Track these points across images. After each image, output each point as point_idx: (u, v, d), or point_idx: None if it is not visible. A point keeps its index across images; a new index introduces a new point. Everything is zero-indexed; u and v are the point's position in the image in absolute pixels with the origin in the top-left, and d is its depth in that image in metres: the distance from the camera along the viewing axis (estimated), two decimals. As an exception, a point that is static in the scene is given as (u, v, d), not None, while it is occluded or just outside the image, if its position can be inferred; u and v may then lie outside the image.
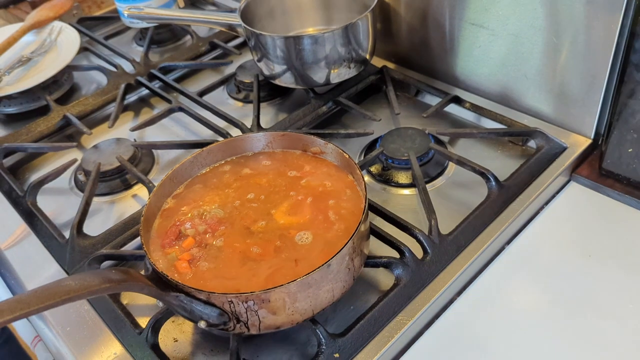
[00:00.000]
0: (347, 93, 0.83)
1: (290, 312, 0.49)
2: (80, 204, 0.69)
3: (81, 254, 0.64)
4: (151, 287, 0.47)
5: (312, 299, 0.50)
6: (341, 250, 0.49)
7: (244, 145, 0.64)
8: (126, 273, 0.47)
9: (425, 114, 0.77)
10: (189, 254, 0.53)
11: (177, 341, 0.58)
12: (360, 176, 0.56)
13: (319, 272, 0.48)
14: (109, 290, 0.44)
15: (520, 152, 0.74)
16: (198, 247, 0.54)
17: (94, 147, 0.81)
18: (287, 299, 0.48)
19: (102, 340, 0.57)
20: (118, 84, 0.93)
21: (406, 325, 0.54)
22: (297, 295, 0.48)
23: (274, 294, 0.47)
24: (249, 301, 0.47)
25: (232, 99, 0.92)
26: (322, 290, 0.50)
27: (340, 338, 0.52)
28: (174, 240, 0.55)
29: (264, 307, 0.48)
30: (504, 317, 0.56)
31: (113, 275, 0.45)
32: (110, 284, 0.43)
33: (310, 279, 0.48)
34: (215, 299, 0.48)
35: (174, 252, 0.53)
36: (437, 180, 0.71)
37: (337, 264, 0.49)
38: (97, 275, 0.44)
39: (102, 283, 0.43)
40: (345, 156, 0.59)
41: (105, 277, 0.45)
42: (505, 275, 0.60)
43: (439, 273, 0.58)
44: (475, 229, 0.61)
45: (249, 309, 0.48)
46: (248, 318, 0.49)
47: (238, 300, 0.47)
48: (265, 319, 0.49)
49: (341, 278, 0.51)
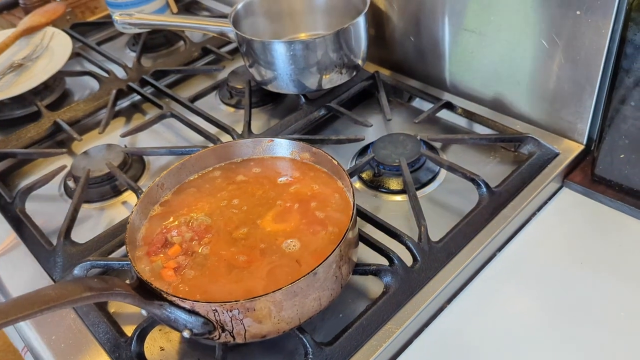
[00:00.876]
0: (339, 99, 0.83)
1: (277, 320, 0.48)
2: (68, 211, 0.68)
3: (68, 262, 0.64)
4: (134, 296, 0.46)
5: (299, 308, 0.49)
6: (328, 258, 0.48)
7: (233, 151, 0.64)
8: (109, 281, 0.46)
9: (417, 119, 0.76)
10: (175, 261, 0.53)
11: (163, 350, 0.57)
12: (348, 183, 0.56)
13: (305, 280, 0.47)
14: (90, 299, 0.43)
15: (512, 158, 0.74)
16: (184, 254, 0.54)
17: (84, 153, 0.80)
18: (273, 307, 0.47)
19: (87, 350, 0.56)
20: (110, 89, 0.92)
21: (395, 333, 0.53)
22: (283, 303, 0.48)
23: (259, 303, 0.46)
24: (233, 310, 0.46)
25: (224, 104, 0.92)
26: (309, 299, 0.49)
27: (328, 347, 0.51)
28: (160, 247, 0.54)
29: (249, 315, 0.47)
30: (494, 325, 0.56)
31: (95, 283, 0.45)
32: (92, 292, 0.43)
33: (296, 288, 0.47)
34: (200, 308, 0.47)
35: (159, 260, 0.53)
36: (428, 186, 0.71)
37: (323, 272, 0.49)
38: (78, 284, 0.44)
39: (83, 292, 0.42)
40: (334, 163, 0.59)
41: (87, 285, 0.44)
42: (496, 283, 0.60)
43: (429, 281, 0.57)
44: (465, 236, 0.61)
45: (234, 318, 0.47)
46: (233, 327, 0.48)
47: (223, 309, 0.46)
48: (251, 328, 0.48)
49: (328, 286, 0.50)
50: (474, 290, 0.59)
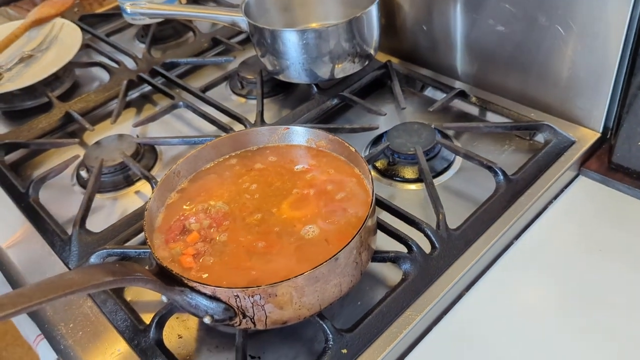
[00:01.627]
0: (351, 88, 0.82)
1: (297, 306, 0.48)
2: (83, 200, 0.68)
3: (84, 250, 0.63)
4: (155, 282, 0.46)
5: (320, 293, 0.49)
6: (349, 244, 0.48)
7: (249, 139, 0.64)
8: (130, 267, 0.46)
9: (431, 108, 0.76)
10: (193, 248, 0.52)
11: (181, 337, 0.57)
12: (366, 169, 0.55)
13: (327, 266, 0.47)
14: (112, 284, 0.43)
15: (527, 147, 0.73)
16: (203, 241, 0.53)
17: (96, 144, 0.80)
18: (294, 293, 0.47)
19: (105, 337, 0.56)
20: (120, 80, 0.92)
21: (415, 320, 0.53)
22: (305, 289, 0.47)
23: (280, 288, 0.46)
24: (255, 295, 0.46)
25: (235, 95, 0.91)
26: (330, 285, 0.49)
27: (348, 334, 0.51)
28: (178, 234, 0.54)
29: (271, 301, 0.47)
30: (513, 312, 0.55)
31: (117, 268, 0.45)
32: (115, 277, 0.43)
33: (318, 273, 0.47)
34: (221, 294, 0.47)
35: (178, 247, 0.53)
36: (443, 175, 0.71)
37: (344, 257, 0.49)
38: (100, 269, 0.44)
39: (105, 276, 0.42)
40: (351, 149, 0.58)
41: (109, 270, 0.44)
42: (514, 271, 0.59)
43: (448, 268, 0.57)
44: (483, 224, 0.60)
45: (256, 304, 0.47)
46: (254, 313, 0.48)
47: (244, 294, 0.46)
48: (272, 314, 0.48)
49: (348, 272, 0.50)
50: (492, 277, 0.59)
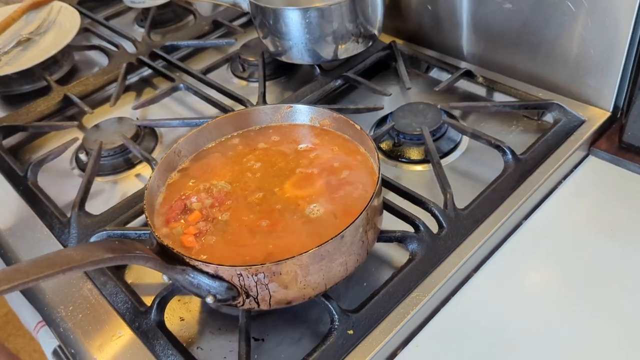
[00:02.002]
0: (355, 69, 0.81)
1: (302, 285, 0.47)
2: (82, 182, 0.67)
3: (83, 233, 0.62)
4: (156, 260, 0.45)
5: (325, 272, 0.47)
6: (355, 221, 0.47)
7: (251, 118, 0.62)
8: (130, 245, 0.45)
9: (438, 88, 0.74)
10: (195, 227, 0.51)
11: (183, 320, 0.56)
12: (372, 147, 0.54)
13: (332, 244, 0.46)
14: (111, 261, 0.41)
15: (535, 127, 0.72)
16: (204, 221, 0.52)
17: (95, 127, 0.78)
18: (299, 271, 0.46)
19: (106, 320, 0.55)
20: (119, 63, 0.90)
21: (422, 301, 0.52)
22: (310, 267, 0.46)
23: (285, 266, 0.45)
24: (259, 274, 0.45)
25: (237, 77, 0.90)
26: (336, 263, 0.48)
27: (354, 314, 0.50)
28: (179, 214, 0.53)
29: (275, 280, 0.46)
30: (523, 294, 0.54)
31: (116, 245, 0.43)
32: (114, 254, 0.41)
33: (323, 251, 0.46)
34: (224, 272, 0.45)
35: (179, 227, 0.51)
36: (449, 156, 0.69)
37: (350, 235, 0.47)
38: (99, 246, 0.42)
39: (104, 253, 0.41)
40: (356, 127, 0.57)
41: (108, 247, 0.42)
42: (524, 252, 0.58)
43: (455, 248, 0.56)
44: (492, 203, 0.59)
45: (259, 283, 0.46)
46: (258, 292, 0.47)
47: (248, 273, 0.45)
48: (276, 293, 0.47)
49: (355, 251, 0.49)
50: (501, 258, 0.57)
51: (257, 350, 0.52)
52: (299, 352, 0.50)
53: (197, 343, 0.53)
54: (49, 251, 0.62)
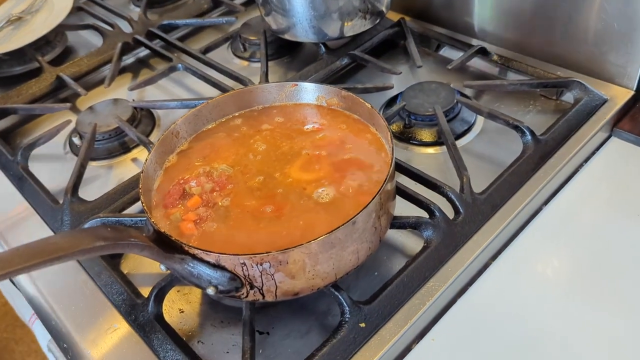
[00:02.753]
0: (362, 47, 0.77)
1: (311, 275, 0.44)
2: (75, 166, 0.63)
3: (77, 220, 0.59)
4: (153, 248, 0.41)
5: (335, 261, 0.44)
6: (367, 206, 0.43)
7: (254, 97, 0.58)
8: (124, 232, 0.41)
9: (450, 66, 0.70)
10: (194, 214, 0.48)
11: (183, 312, 0.52)
12: (385, 127, 0.50)
13: (343, 230, 0.42)
14: (103, 249, 0.38)
15: (553, 107, 0.68)
16: (205, 206, 0.48)
17: (89, 109, 0.75)
18: (308, 260, 0.42)
19: (100, 312, 0.52)
20: (115, 43, 0.86)
21: (438, 291, 0.48)
22: (319, 256, 0.43)
23: (292, 255, 0.41)
24: (264, 263, 0.42)
25: (237, 58, 0.86)
26: (347, 252, 0.44)
27: (366, 306, 0.47)
28: (177, 199, 0.49)
29: (282, 269, 0.42)
30: (544, 283, 0.51)
31: (109, 233, 0.40)
32: (105, 242, 0.38)
33: (334, 238, 0.42)
34: (226, 261, 0.42)
35: (177, 212, 0.48)
36: (463, 138, 0.65)
37: (362, 221, 0.44)
38: (89, 233, 0.39)
39: (95, 241, 0.37)
40: (366, 106, 0.53)
41: (100, 235, 0.39)
42: (545, 238, 0.54)
43: (473, 234, 0.52)
44: (510, 187, 0.55)
45: (265, 273, 0.42)
46: (263, 283, 0.43)
47: (252, 262, 0.41)
48: (283, 284, 0.43)
49: (367, 238, 0.45)
50: (520, 245, 0.54)
51: (262, 344, 0.49)
52: (307, 346, 0.47)
53: (198, 337, 0.50)
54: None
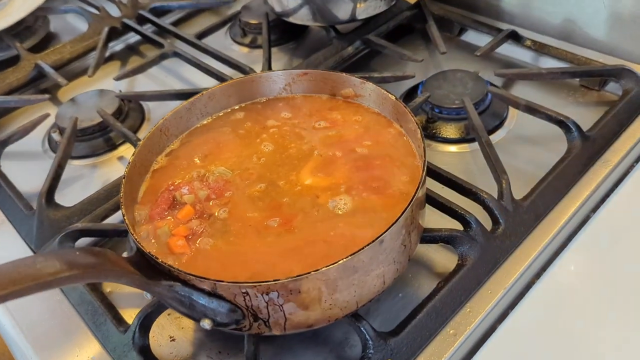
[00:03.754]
0: (377, 32, 0.68)
1: (328, 305, 0.36)
2: (51, 167, 0.55)
3: (51, 229, 0.51)
4: (133, 275, 0.34)
5: (357, 288, 0.36)
6: (397, 221, 0.35)
7: (255, 88, 0.50)
8: (99, 255, 0.33)
9: (478, 52, 0.62)
10: (186, 227, 0.40)
11: (174, 340, 0.44)
12: (414, 123, 0.42)
13: (369, 251, 0.34)
14: (70, 280, 0.30)
15: (596, 99, 0.60)
16: (199, 218, 0.41)
17: (71, 101, 0.67)
18: (325, 288, 0.35)
19: (76, 340, 0.44)
20: (100, 28, 0.78)
21: (477, 319, 0.41)
22: (338, 283, 0.35)
23: (306, 283, 0.34)
24: (271, 292, 0.34)
25: (237, 44, 0.78)
26: (371, 276, 0.36)
27: (393, 338, 0.39)
28: (166, 209, 0.41)
29: (292, 299, 0.34)
30: (597, 305, 0.43)
31: (79, 258, 0.32)
32: (72, 271, 0.30)
33: (357, 261, 0.34)
34: (224, 290, 0.34)
35: (166, 226, 0.40)
36: (495, 134, 0.57)
37: (391, 239, 0.36)
38: (54, 259, 0.31)
39: (59, 271, 0.29)
40: (390, 98, 0.45)
41: (67, 261, 0.31)
42: (595, 252, 0.47)
43: (515, 249, 0.45)
44: (556, 192, 0.48)
45: (272, 303, 0.34)
46: (270, 315, 0.35)
47: (256, 291, 0.34)
48: (294, 316, 0.36)
49: (395, 258, 0.38)
50: (567, 261, 0.46)
51: (267, 381, 0.41)
52: (322, 385, 0.39)
53: (192, 371, 0.42)
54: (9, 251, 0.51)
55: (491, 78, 0.62)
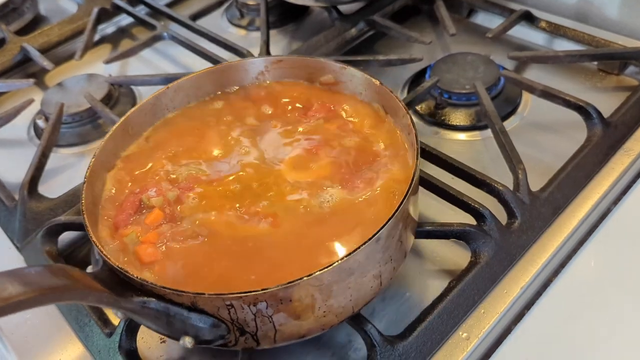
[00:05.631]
0: (381, 12, 0.65)
1: (322, 313, 0.32)
2: (35, 156, 0.52)
3: (34, 221, 0.48)
4: (101, 294, 0.30)
5: (354, 291, 0.33)
6: (394, 216, 0.32)
7: (226, 77, 0.47)
8: (60, 274, 0.29)
9: (490, 34, 0.58)
10: (155, 233, 0.36)
11: (164, 342, 0.41)
12: (402, 109, 0.39)
13: (364, 252, 0.31)
14: (27, 305, 0.25)
15: (614, 84, 0.56)
16: (169, 221, 0.37)
17: (58, 85, 0.64)
18: (318, 295, 0.31)
19: (60, 342, 0.42)
20: (90, 9, 0.74)
21: (492, 321, 0.38)
22: (333, 287, 0.32)
23: (298, 290, 0.30)
24: (259, 303, 0.30)
25: (234, 26, 0.74)
26: (367, 277, 0.33)
27: (401, 342, 0.36)
28: (132, 214, 0.37)
29: (283, 309, 0.31)
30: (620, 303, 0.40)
31: (37, 278, 0.27)
32: (29, 295, 0.25)
33: (352, 263, 0.31)
34: (206, 304, 0.31)
35: (133, 233, 0.36)
36: (507, 121, 0.54)
37: (388, 235, 0.33)
38: (7, 281, 0.25)
39: (15, 295, 0.25)
40: (374, 83, 0.42)
41: (24, 282, 0.26)
42: (618, 246, 0.43)
43: (532, 245, 0.42)
44: (575, 184, 0.45)
45: (260, 315, 0.31)
46: (258, 327, 0.32)
47: (242, 302, 0.30)
48: (284, 327, 0.32)
49: (391, 256, 0.34)
50: (587, 257, 0.43)
51: (264, 388, 0.38)
52: (323, 393, 0.36)
53: (183, 376, 0.39)
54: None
55: (503, 61, 0.58)
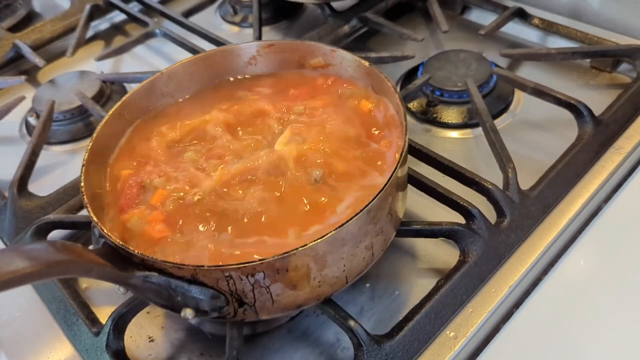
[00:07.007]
0: (374, 9, 0.65)
1: (317, 282, 0.33)
2: (25, 153, 0.52)
3: (24, 220, 0.48)
4: (104, 267, 0.30)
5: (347, 262, 0.34)
6: (384, 189, 0.33)
7: (220, 63, 0.47)
8: (64, 249, 0.30)
9: (483, 31, 0.58)
10: (161, 211, 0.36)
11: (153, 341, 0.41)
12: (391, 88, 0.39)
13: (357, 222, 0.32)
14: (32, 278, 0.27)
15: (607, 81, 0.56)
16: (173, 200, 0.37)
17: (49, 82, 0.63)
18: (313, 264, 0.32)
19: (48, 341, 0.41)
20: (83, 6, 0.74)
21: (479, 320, 0.38)
22: (327, 257, 0.33)
23: (294, 260, 0.31)
24: (257, 274, 0.31)
25: (227, 22, 0.74)
26: (360, 248, 0.34)
27: (388, 342, 0.36)
28: (136, 197, 0.38)
29: (280, 279, 0.32)
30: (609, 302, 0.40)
31: (42, 253, 0.28)
32: (35, 268, 0.26)
33: (346, 233, 0.32)
34: (206, 276, 0.31)
35: (135, 216, 0.36)
36: (499, 119, 0.54)
37: (378, 208, 0.33)
38: (14, 256, 0.27)
39: (20, 269, 0.26)
40: (364, 65, 0.42)
41: (29, 257, 0.27)
42: (606, 246, 0.43)
43: (521, 243, 0.42)
44: (565, 182, 0.45)
45: (258, 285, 0.32)
46: (256, 298, 0.33)
47: (240, 273, 0.31)
48: (281, 297, 0.33)
49: (382, 228, 0.35)
50: (577, 256, 0.43)
51: (252, 387, 0.38)
52: (311, 392, 0.36)
53: (171, 375, 0.39)
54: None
55: (496, 59, 0.58)
